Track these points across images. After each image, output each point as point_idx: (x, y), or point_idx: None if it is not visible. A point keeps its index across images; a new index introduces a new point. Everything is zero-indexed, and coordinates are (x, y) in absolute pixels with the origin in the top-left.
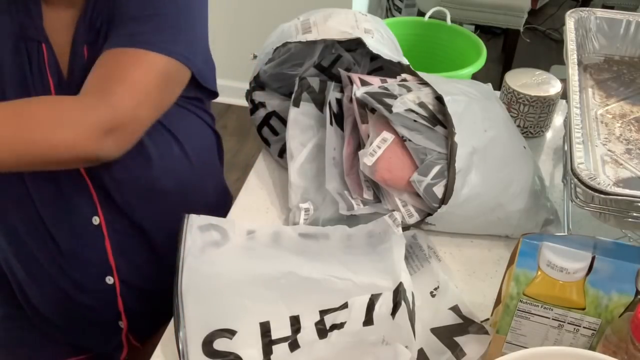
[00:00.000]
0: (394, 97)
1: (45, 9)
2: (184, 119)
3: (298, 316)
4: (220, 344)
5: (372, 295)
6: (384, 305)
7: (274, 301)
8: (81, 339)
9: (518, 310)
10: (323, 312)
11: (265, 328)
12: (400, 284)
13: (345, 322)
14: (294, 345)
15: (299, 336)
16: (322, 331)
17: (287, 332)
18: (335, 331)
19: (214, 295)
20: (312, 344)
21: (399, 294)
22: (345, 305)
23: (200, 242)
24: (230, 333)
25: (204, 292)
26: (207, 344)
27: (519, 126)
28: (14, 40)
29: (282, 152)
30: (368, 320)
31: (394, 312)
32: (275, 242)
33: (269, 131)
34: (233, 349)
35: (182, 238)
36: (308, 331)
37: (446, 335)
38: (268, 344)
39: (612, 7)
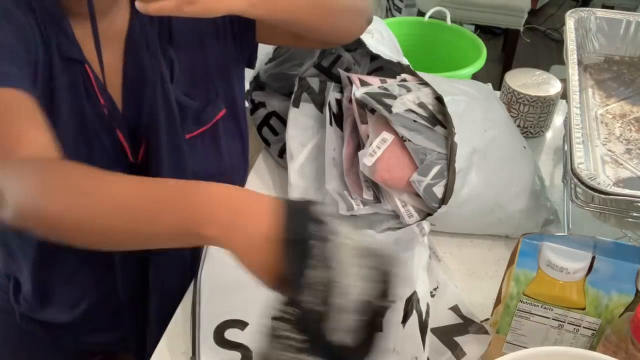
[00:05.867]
0: (394, 97)
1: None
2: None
3: None
4: (231, 334)
5: None
6: (394, 312)
7: None
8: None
9: (518, 310)
10: None
11: None
12: (414, 293)
13: None
14: None
15: None
16: None
17: None
18: None
19: (231, 286)
20: None
21: (410, 302)
22: None
23: None
24: (242, 324)
25: (222, 282)
26: (219, 333)
27: (519, 126)
28: (51, 66)
29: (282, 152)
30: None
31: (404, 320)
32: None
33: (269, 131)
34: (243, 341)
35: None
36: None
37: (446, 335)
38: None
39: (612, 7)
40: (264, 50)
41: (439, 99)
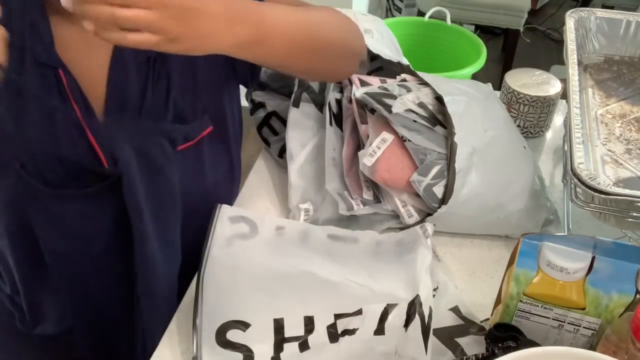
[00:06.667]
0: (394, 97)
1: (54, 27)
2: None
3: (312, 317)
4: (233, 335)
5: (387, 304)
6: (397, 316)
7: (290, 299)
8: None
9: (518, 310)
10: (337, 316)
11: (278, 325)
12: (417, 296)
13: (357, 329)
14: (304, 346)
15: (310, 337)
16: (334, 335)
17: (300, 331)
18: (347, 337)
19: (233, 286)
20: (322, 347)
21: (413, 306)
22: (359, 312)
23: (228, 233)
24: (244, 325)
25: (224, 282)
26: (221, 334)
27: (519, 126)
28: (26, 71)
29: (282, 152)
30: (379, 330)
31: (406, 324)
32: (302, 241)
33: (269, 131)
34: (245, 342)
35: (211, 227)
36: (320, 333)
37: (447, 336)
38: (280, 341)
39: (612, 7)
40: None
41: (439, 99)
